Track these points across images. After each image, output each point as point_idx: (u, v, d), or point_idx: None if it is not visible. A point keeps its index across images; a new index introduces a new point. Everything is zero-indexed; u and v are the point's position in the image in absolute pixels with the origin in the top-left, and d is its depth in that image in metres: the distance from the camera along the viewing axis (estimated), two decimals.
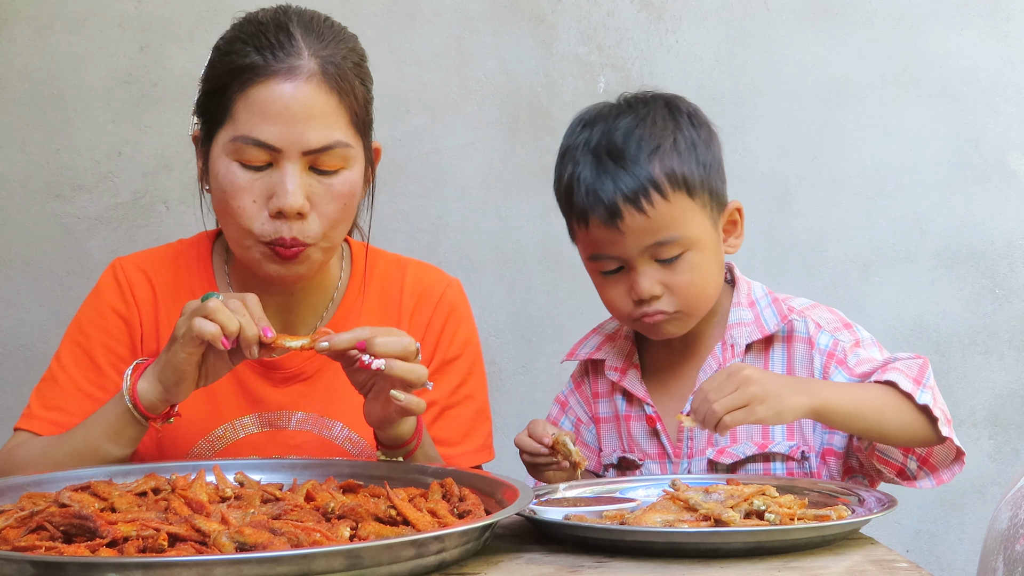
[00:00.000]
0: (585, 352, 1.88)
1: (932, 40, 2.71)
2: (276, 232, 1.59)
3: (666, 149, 1.69)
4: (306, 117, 1.58)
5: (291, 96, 1.58)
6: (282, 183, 1.58)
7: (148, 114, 2.62)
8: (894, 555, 1.31)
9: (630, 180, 1.67)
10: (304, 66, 1.59)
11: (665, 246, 1.68)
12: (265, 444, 1.71)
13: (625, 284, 1.72)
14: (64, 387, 1.73)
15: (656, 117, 1.72)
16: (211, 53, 1.69)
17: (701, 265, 1.71)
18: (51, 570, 1.06)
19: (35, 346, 2.61)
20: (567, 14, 2.68)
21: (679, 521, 1.34)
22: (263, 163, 1.59)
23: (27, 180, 2.61)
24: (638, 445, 1.80)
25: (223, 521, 1.20)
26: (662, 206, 1.67)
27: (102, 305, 1.77)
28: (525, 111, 2.67)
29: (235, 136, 1.59)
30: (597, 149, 1.70)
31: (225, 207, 1.62)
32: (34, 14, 2.60)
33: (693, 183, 1.69)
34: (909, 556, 2.33)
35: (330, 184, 1.61)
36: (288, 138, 1.58)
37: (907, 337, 2.70)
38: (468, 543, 1.24)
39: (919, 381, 1.62)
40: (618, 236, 1.68)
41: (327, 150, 1.60)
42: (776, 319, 1.76)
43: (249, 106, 1.58)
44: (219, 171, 1.61)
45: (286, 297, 1.74)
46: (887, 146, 2.71)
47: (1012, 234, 2.73)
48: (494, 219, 2.68)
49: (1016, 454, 2.72)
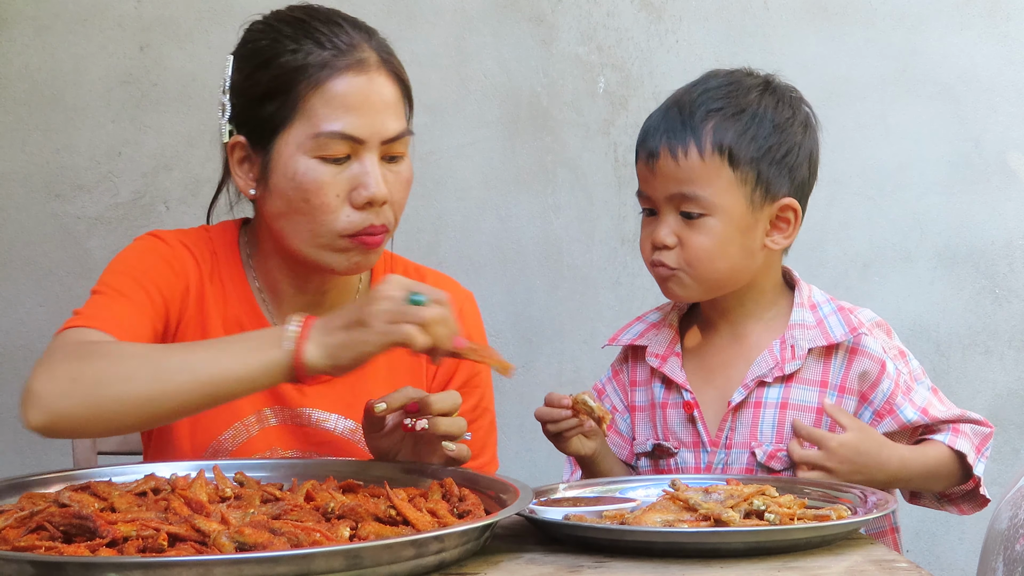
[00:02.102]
0: (628, 338, 1.88)
1: (932, 40, 2.71)
2: (364, 222, 1.61)
3: (727, 115, 1.72)
4: (383, 107, 1.62)
5: (368, 87, 1.61)
6: (367, 174, 1.60)
7: (148, 114, 2.62)
8: (894, 555, 1.31)
9: (679, 129, 1.72)
10: (369, 58, 1.63)
11: (688, 200, 1.71)
12: (288, 438, 1.70)
13: (652, 228, 1.76)
14: (122, 305, 1.59)
15: (743, 88, 1.76)
16: (239, 62, 1.68)
17: (720, 235, 1.71)
18: (51, 570, 1.06)
19: (35, 346, 2.61)
20: (567, 14, 2.68)
21: (679, 521, 1.34)
22: (343, 156, 1.61)
23: (27, 180, 2.61)
24: (673, 433, 1.79)
25: (223, 521, 1.20)
26: (695, 161, 1.71)
27: (155, 257, 1.67)
28: (525, 111, 2.67)
29: (317, 132, 1.59)
30: (680, 99, 1.77)
31: (302, 206, 1.61)
32: (34, 14, 2.61)
33: (739, 155, 1.71)
34: (909, 556, 2.32)
35: (398, 171, 1.65)
36: (370, 128, 1.60)
37: (907, 337, 2.70)
38: (468, 543, 1.24)
39: (979, 449, 1.72)
40: (651, 176, 1.74)
41: (399, 138, 1.63)
42: (844, 329, 1.75)
43: (327, 101, 1.60)
44: (296, 170, 1.61)
45: (318, 296, 1.74)
46: (887, 146, 2.71)
47: (1012, 234, 2.73)
48: (494, 219, 2.68)
49: (1016, 454, 2.73)
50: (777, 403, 1.73)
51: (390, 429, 1.54)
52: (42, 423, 1.40)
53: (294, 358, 1.40)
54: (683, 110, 1.74)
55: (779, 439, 1.72)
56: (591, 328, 2.69)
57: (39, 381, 1.41)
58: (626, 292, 2.70)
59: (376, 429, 1.54)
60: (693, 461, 1.77)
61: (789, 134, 1.75)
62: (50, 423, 1.40)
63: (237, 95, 1.68)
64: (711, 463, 1.75)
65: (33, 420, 1.41)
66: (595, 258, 2.70)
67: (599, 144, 2.69)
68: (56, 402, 1.40)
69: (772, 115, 1.74)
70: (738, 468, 1.73)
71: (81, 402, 1.39)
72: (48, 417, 1.40)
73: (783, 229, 1.76)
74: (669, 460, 1.79)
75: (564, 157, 2.69)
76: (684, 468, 1.76)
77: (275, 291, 1.73)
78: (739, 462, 1.74)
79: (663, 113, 1.77)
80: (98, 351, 1.45)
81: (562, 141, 2.69)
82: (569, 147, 2.69)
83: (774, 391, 1.73)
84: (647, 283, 2.70)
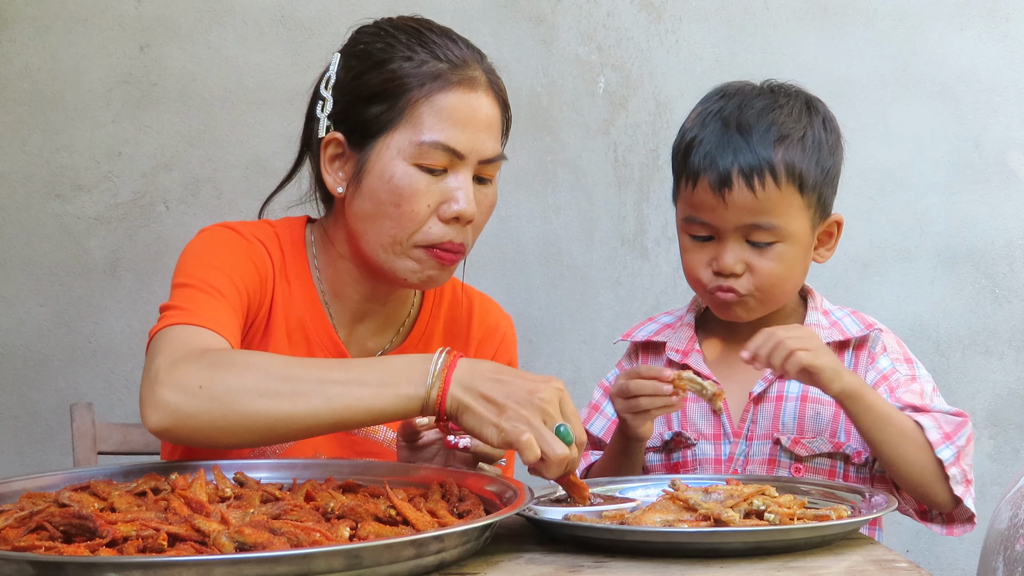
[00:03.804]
0: (644, 335, 1.89)
1: (932, 40, 2.71)
2: (444, 236, 1.62)
3: (793, 140, 1.72)
4: (487, 127, 1.65)
5: (476, 105, 1.64)
6: (460, 189, 1.62)
7: (148, 114, 2.62)
8: (894, 555, 1.31)
9: (751, 156, 1.70)
10: (480, 78, 1.66)
11: (761, 230, 1.71)
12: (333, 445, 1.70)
13: (710, 253, 1.74)
14: (222, 305, 1.57)
15: (793, 108, 1.76)
16: (348, 60, 1.67)
17: (789, 259, 1.73)
18: (51, 570, 1.06)
19: (35, 346, 2.61)
20: (567, 14, 2.68)
21: (679, 521, 1.34)
22: (441, 168, 1.62)
23: (27, 180, 2.61)
24: (693, 424, 1.80)
25: (223, 521, 1.20)
26: (772, 191, 1.70)
27: (237, 250, 1.65)
28: (525, 111, 2.66)
29: (422, 140, 1.61)
30: (728, 119, 1.74)
31: (391, 210, 1.62)
32: (34, 14, 2.61)
33: (807, 181, 1.72)
34: (909, 556, 2.33)
35: (486, 195, 1.67)
36: (472, 145, 1.62)
37: (907, 337, 2.69)
38: (468, 543, 1.24)
39: (949, 436, 1.65)
40: (720, 206, 1.71)
41: (495, 160, 1.66)
42: (859, 327, 1.79)
43: (437, 112, 1.61)
44: (394, 173, 1.61)
45: (378, 305, 1.74)
46: (887, 146, 2.71)
47: (1012, 234, 2.73)
48: (494, 219, 2.65)
49: (1016, 454, 2.73)
50: (798, 396, 1.76)
51: (425, 443, 1.55)
52: (164, 427, 1.39)
53: (437, 404, 1.38)
54: (745, 133, 1.71)
55: (800, 432, 1.74)
56: (591, 328, 2.69)
57: (164, 384, 1.39)
58: (626, 292, 2.70)
59: (411, 440, 1.55)
60: (713, 453, 1.78)
61: (837, 154, 1.80)
62: (172, 429, 1.39)
63: (342, 93, 1.67)
64: (733, 454, 1.77)
65: (155, 423, 1.39)
66: (595, 258, 2.70)
67: (599, 144, 2.69)
68: (182, 409, 1.38)
69: (825, 137, 1.77)
70: (760, 459, 1.76)
71: (208, 412, 1.38)
72: (172, 423, 1.38)
73: (826, 242, 1.82)
74: (685, 452, 1.79)
75: (564, 157, 2.69)
76: (703, 459, 1.78)
77: (338, 294, 1.73)
78: (761, 453, 1.76)
79: (719, 136, 1.72)
80: (226, 360, 1.43)
81: (562, 141, 2.69)
82: (569, 147, 2.69)
83: (795, 385, 1.76)
84: (647, 283, 2.70)
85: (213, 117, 2.64)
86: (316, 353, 1.70)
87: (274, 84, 2.63)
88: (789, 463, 1.74)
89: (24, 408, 2.61)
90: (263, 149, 2.63)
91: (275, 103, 2.62)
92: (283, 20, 2.65)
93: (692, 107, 1.84)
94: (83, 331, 2.62)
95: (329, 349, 1.71)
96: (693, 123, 1.78)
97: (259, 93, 2.64)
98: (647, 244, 2.70)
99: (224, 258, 1.62)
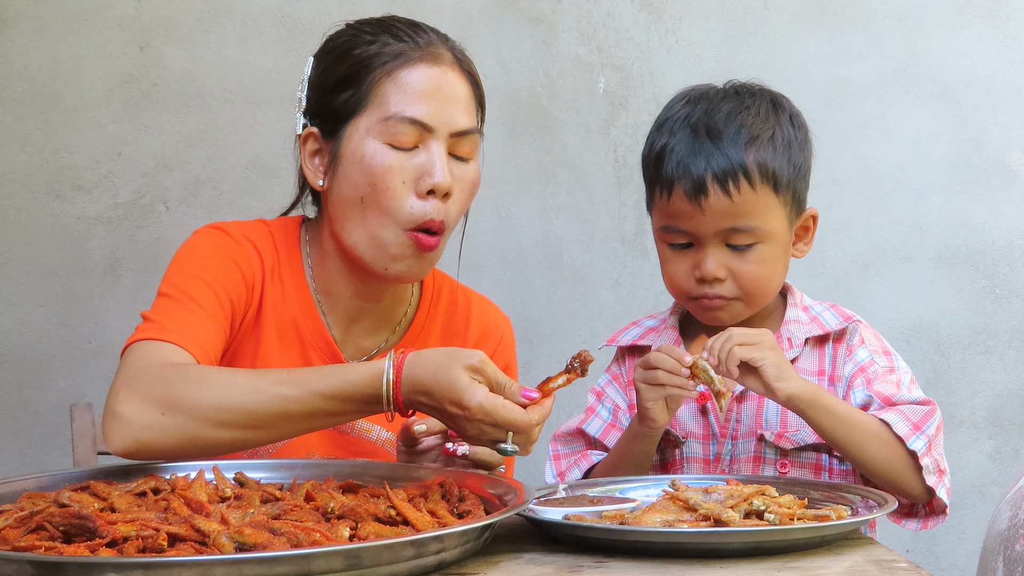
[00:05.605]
0: (628, 339, 1.89)
1: (932, 40, 2.71)
2: (425, 214, 1.62)
3: (763, 141, 1.72)
4: (453, 100, 1.64)
5: (440, 78, 1.64)
6: (433, 162, 1.62)
7: (148, 114, 2.62)
8: (894, 555, 1.31)
9: (723, 161, 1.70)
10: (445, 54, 1.66)
11: (740, 233, 1.71)
12: (328, 444, 1.70)
13: (691, 261, 1.75)
14: (198, 317, 1.59)
15: (760, 108, 1.76)
16: (317, 59, 1.70)
17: (769, 259, 1.74)
18: (51, 570, 1.06)
19: (35, 346, 2.61)
20: (567, 14, 2.68)
21: (679, 521, 1.34)
22: (412, 144, 1.62)
23: (27, 180, 2.61)
24: (681, 423, 1.80)
25: (223, 521, 1.20)
26: (748, 194, 1.70)
27: (222, 254, 1.67)
28: (525, 111, 2.67)
29: (387, 116, 1.61)
30: (696, 125, 1.73)
31: (368, 191, 1.62)
32: (34, 14, 2.61)
33: (781, 180, 1.72)
34: (909, 556, 2.32)
35: (464, 170, 1.66)
36: (439, 117, 1.62)
37: (907, 337, 2.70)
38: (468, 543, 1.24)
39: (918, 427, 1.64)
40: (697, 213, 1.71)
41: (468, 134, 1.66)
42: (838, 319, 1.80)
43: (400, 87, 1.62)
44: (365, 153, 1.62)
45: (372, 303, 1.74)
46: (887, 146, 2.71)
47: (1012, 234, 2.73)
48: (494, 219, 2.68)
49: (1016, 454, 2.73)
50: None
51: (424, 448, 1.56)
52: (128, 450, 1.43)
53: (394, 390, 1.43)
54: (715, 138, 1.71)
55: (783, 426, 1.75)
56: (591, 328, 2.69)
57: (125, 405, 1.42)
58: (626, 292, 2.70)
59: (411, 446, 1.56)
60: (702, 452, 1.79)
61: (807, 149, 1.79)
62: (136, 451, 1.43)
63: (313, 88, 1.69)
64: (719, 453, 1.77)
65: (119, 446, 1.43)
66: (595, 258, 2.70)
67: (599, 144, 2.69)
68: (144, 431, 1.42)
69: (794, 133, 1.77)
70: (745, 457, 1.76)
71: (171, 432, 1.42)
72: (135, 445, 1.43)
73: (803, 236, 1.82)
74: (675, 450, 1.80)
75: (564, 157, 2.69)
76: (691, 458, 1.79)
77: (330, 293, 1.73)
78: (746, 451, 1.77)
79: (688, 143, 1.72)
80: (186, 377, 1.46)
81: (562, 141, 2.69)
82: (569, 147, 2.69)
83: None
84: (647, 283, 2.70)
85: (213, 117, 2.65)
86: (309, 352, 1.71)
87: (274, 84, 2.63)
88: (775, 459, 1.75)
89: (24, 408, 2.61)
90: (263, 149, 2.63)
91: (275, 103, 2.62)
92: (283, 20, 2.65)
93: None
94: (83, 331, 2.62)
95: (322, 348, 1.71)
96: (662, 131, 1.77)
97: (259, 93, 2.64)
98: (647, 244, 2.70)
99: (207, 265, 1.64)
